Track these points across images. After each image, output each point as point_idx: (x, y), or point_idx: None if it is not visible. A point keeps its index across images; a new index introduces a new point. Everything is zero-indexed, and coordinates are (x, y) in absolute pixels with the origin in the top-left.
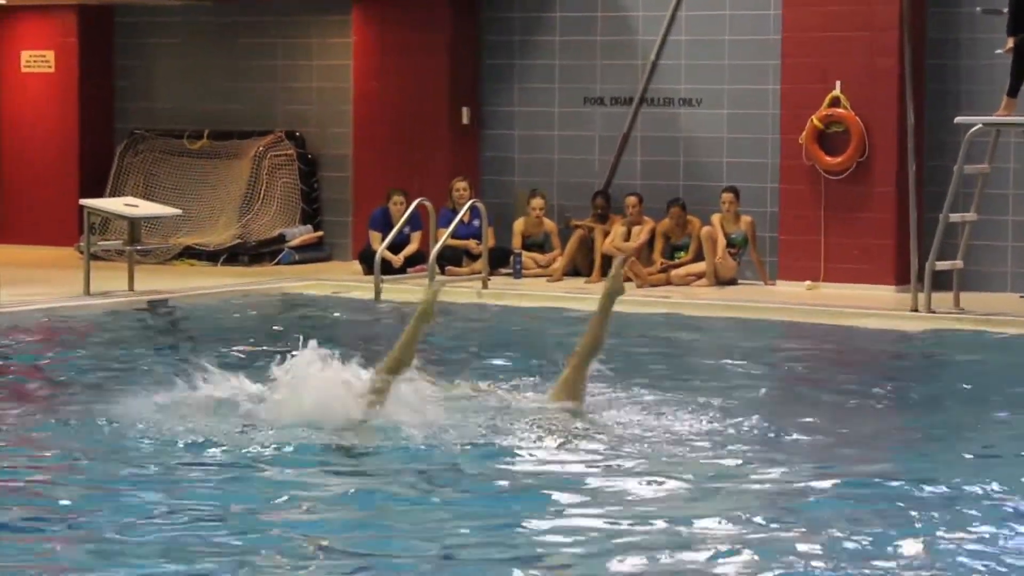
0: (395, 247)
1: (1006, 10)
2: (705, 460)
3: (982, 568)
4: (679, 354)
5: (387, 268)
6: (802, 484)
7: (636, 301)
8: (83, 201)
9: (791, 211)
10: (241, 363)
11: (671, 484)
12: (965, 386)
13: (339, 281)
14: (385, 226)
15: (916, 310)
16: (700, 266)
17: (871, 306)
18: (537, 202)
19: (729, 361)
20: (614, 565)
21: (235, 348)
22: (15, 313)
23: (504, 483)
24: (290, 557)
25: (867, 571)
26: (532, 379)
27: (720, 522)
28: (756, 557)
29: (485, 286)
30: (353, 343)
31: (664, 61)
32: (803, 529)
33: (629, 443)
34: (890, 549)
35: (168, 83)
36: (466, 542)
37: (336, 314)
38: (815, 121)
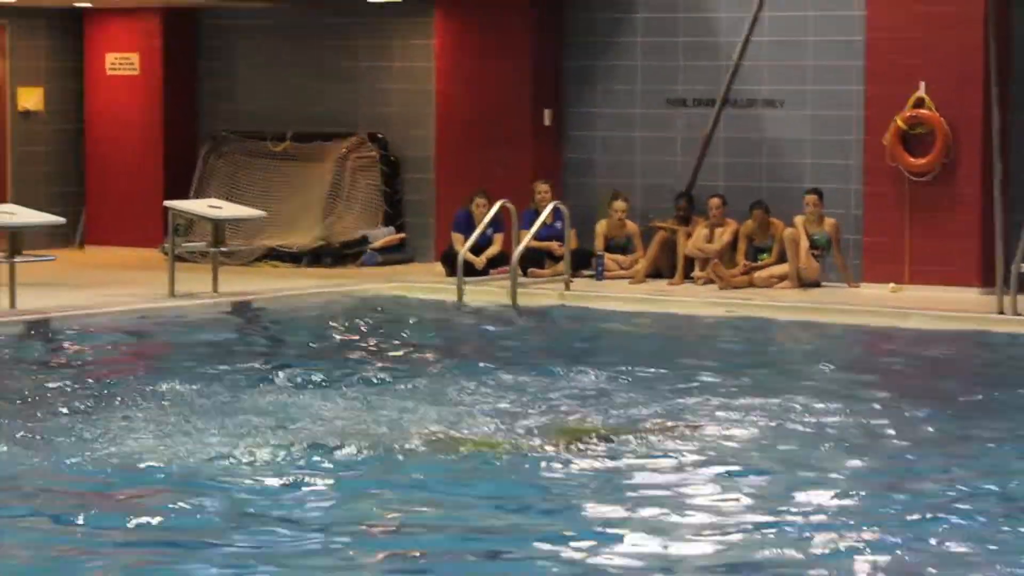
0: (477, 249)
1: None
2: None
3: None
4: (764, 357)
5: (469, 270)
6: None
7: (719, 303)
8: (167, 203)
9: (875, 213)
10: (325, 364)
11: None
12: None
13: (421, 283)
14: (468, 228)
15: (1002, 312)
16: (783, 268)
17: (956, 309)
18: (619, 205)
19: (813, 364)
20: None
21: (318, 349)
22: (101, 314)
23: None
24: None
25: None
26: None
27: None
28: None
29: (567, 288)
30: (435, 345)
31: (746, 62)
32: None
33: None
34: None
35: (251, 85)
36: None
37: (418, 316)
38: (899, 122)
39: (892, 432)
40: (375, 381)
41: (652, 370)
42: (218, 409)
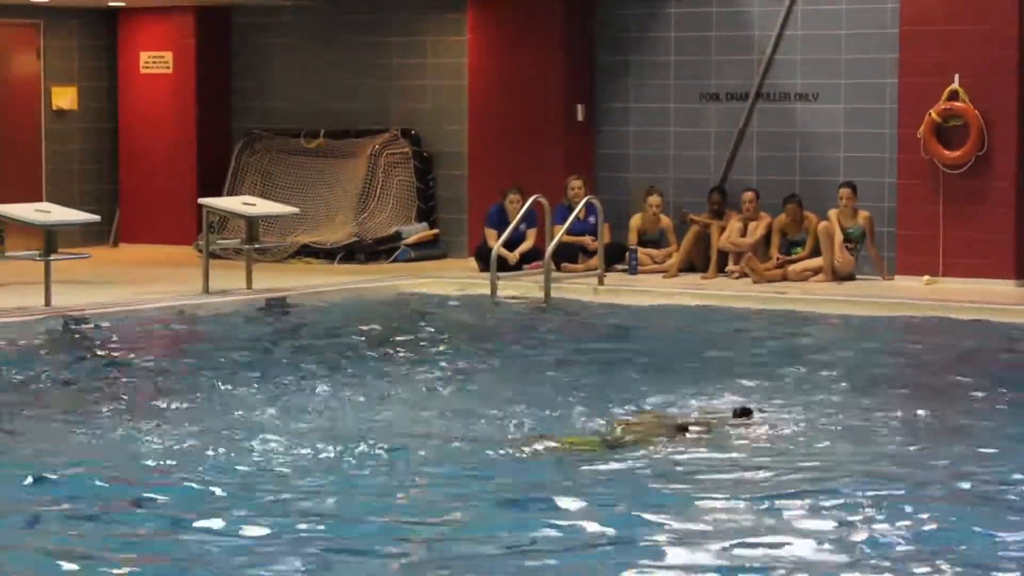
0: (511, 244)
1: None
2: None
3: None
4: (797, 350)
5: (503, 265)
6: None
7: (753, 297)
8: (202, 200)
9: (909, 206)
10: (361, 360)
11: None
12: None
13: (455, 278)
14: (501, 223)
15: None
16: (817, 261)
17: (991, 301)
18: (654, 199)
19: (846, 356)
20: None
21: (353, 345)
22: (135, 312)
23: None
24: None
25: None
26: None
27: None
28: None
29: (601, 282)
30: (470, 340)
31: (780, 56)
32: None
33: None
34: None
35: (284, 82)
36: None
37: (453, 311)
38: (933, 115)
39: (920, 426)
40: (415, 378)
41: (687, 363)
42: (256, 405)
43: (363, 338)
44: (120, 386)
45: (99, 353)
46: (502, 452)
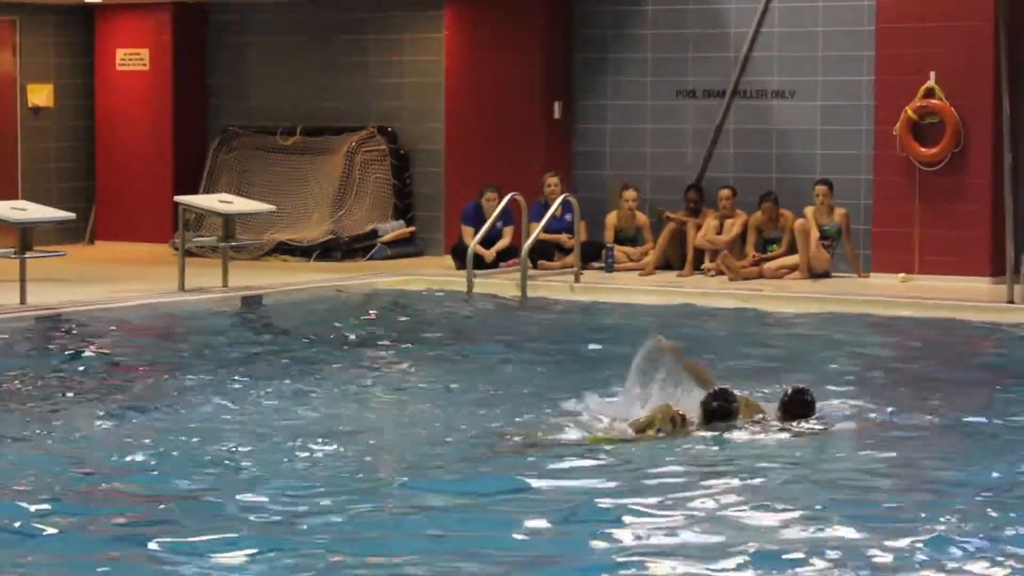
0: (487, 242)
1: None
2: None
3: None
4: (773, 348)
5: (479, 263)
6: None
7: (729, 295)
8: (178, 198)
9: (885, 203)
10: (337, 358)
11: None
12: None
13: (432, 276)
14: (477, 221)
15: (1012, 302)
16: (793, 259)
17: (966, 298)
18: (629, 194)
19: (820, 354)
20: None
21: (329, 343)
22: (111, 309)
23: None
24: None
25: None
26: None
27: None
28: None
29: (577, 280)
30: (446, 338)
31: (756, 53)
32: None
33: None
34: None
35: (261, 80)
36: None
37: (429, 309)
38: (909, 112)
39: (895, 424)
40: (391, 376)
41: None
42: (227, 403)
43: (338, 336)
44: (92, 383)
45: (73, 351)
46: (478, 448)
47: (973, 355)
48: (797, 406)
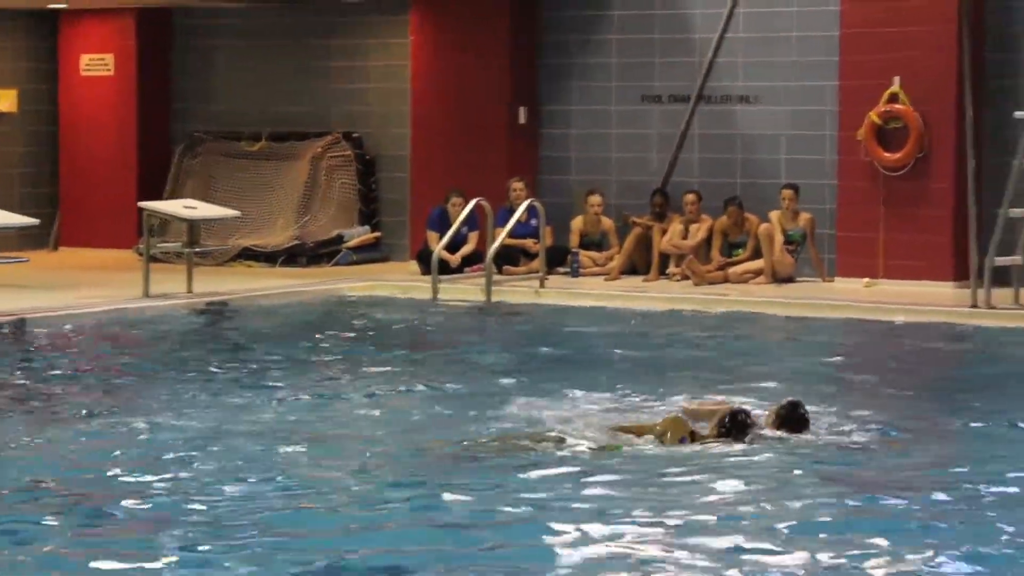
0: (452, 247)
1: None
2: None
3: None
4: (736, 353)
5: (444, 268)
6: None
7: (694, 299)
8: (142, 204)
9: (849, 208)
10: (300, 363)
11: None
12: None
13: (397, 281)
14: (442, 226)
15: (976, 306)
16: (758, 264)
17: (930, 303)
18: (595, 199)
19: (785, 359)
20: None
21: (294, 349)
22: (74, 315)
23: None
24: None
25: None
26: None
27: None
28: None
29: (543, 285)
30: (411, 343)
31: (721, 58)
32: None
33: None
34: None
35: (226, 85)
36: None
37: (394, 314)
38: (873, 117)
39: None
40: (356, 382)
41: (628, 366)
42: (190, 408)
43: (303, 341)
44: (55, 389)
45: (35, 357)
46: (441, 452)
47: (938, 359)
48: (793, 421)
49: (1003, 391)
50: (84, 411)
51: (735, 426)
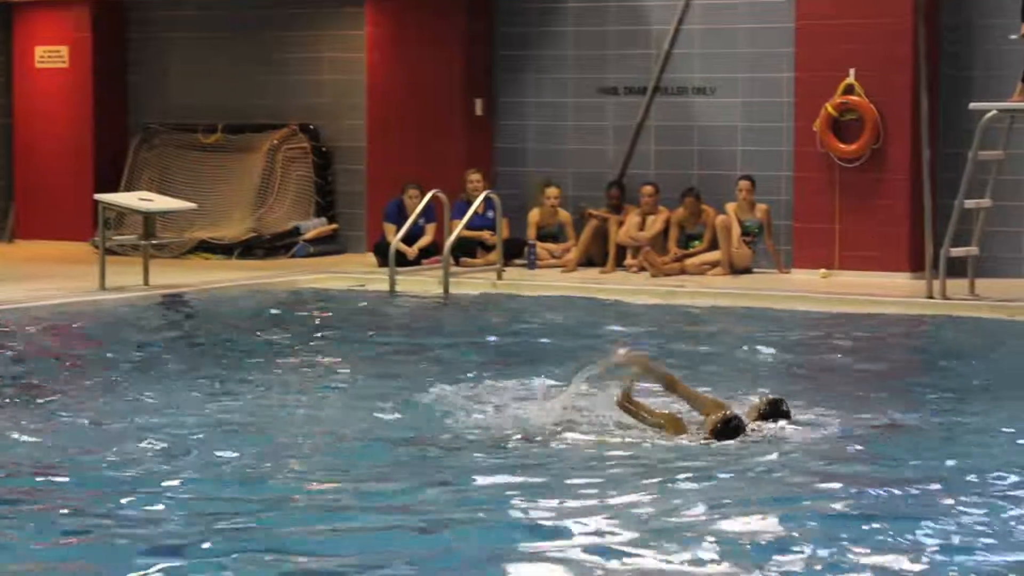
0: (410, 239)
1: None
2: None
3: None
4: (693, 344)
5: (402, 260)
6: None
7: (651, 291)
8: (98, 196)
9: (805, 199)
10: (257, 356)
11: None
12: (981, 372)
13: (354, 274)
14: (399, 218)
15: (931, 297)
16: (715, 255)
17: (886, 293)
18: (551, 191)
19: (743, 350)
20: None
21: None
22: (30, 308)
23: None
24: None
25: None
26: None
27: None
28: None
29: (500, 277)
30: (368, 336)
31: (677, 50)
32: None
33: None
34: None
35: (182, 77)
36: None
37: (351, 306)
38: (829, 109)
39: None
40: (313, 374)
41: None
42: (149, 402)
43: (260, 334)
44: (3, 383)
45: None
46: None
47: (894, 350)
48: (776, 417)
49: (958, 381)
50: (35, 404)
51: (727, 433)
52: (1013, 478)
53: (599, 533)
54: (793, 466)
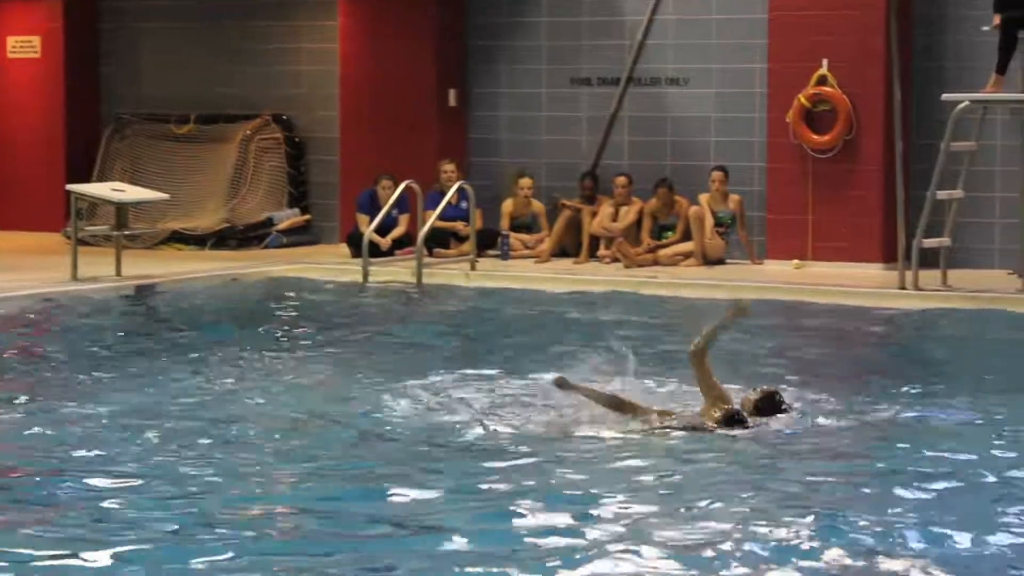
0: (383, 230)
1: None
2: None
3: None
4: (667, 334)
5: (375, 251)
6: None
7: (623, 281)
8: (70, 187)
9: (778, 190)
10: (231, 346)
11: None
12: (953, 362)
13: (327, 264)
14: (372, 209)
15: (904, 288)
16: (688, 246)
17: (858, 284)
18: (525, 181)
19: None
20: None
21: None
22: (2, 299)
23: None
24: None
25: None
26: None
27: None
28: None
29: (473, 268)
30: (341, 327)
31: (651, 41)
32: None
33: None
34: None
35: (154, 68)
36: None
37: (324, 297)
38: (802, 100)
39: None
40: (285, 365)
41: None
42: (122, 394)
43: (233, 325)
44: None
45: None
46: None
47: (866, 341)
48: (769, 410)
49: (930, 372)
50: (7, 396)
51: (732, 424)
52: (987, 469)
53: (594, 530)
54: (769, 458)
